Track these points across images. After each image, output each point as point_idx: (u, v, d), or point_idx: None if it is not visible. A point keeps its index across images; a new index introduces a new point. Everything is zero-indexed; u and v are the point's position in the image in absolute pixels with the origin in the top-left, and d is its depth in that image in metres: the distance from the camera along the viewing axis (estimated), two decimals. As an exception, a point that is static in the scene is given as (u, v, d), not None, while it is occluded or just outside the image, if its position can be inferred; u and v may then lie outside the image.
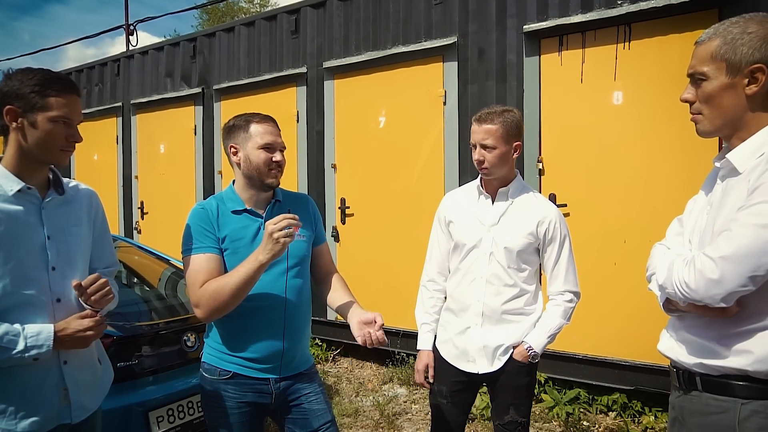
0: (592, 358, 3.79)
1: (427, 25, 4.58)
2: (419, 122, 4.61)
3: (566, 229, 2.21)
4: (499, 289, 2.15)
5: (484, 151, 2.11)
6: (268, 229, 1.71)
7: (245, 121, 1.95)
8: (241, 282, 1.75)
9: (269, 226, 1.71)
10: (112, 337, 2.57)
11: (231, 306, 1.79)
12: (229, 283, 1.76)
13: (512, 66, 4.14)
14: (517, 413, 2.19)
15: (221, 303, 1.77)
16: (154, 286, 3.65)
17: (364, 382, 4.66)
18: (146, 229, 7.00)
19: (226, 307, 1.79)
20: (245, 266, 1.75)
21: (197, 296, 1.81)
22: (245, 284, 1.75)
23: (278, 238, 1.69)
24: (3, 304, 1.51)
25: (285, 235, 1.70)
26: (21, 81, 1.54)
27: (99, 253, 1.82)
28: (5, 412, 1.53)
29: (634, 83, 3.65)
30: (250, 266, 1.74)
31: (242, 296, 1.78)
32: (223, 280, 1.78)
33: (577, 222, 3.82)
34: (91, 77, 7.85)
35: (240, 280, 1.75)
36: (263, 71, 5.71)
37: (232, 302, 1.78)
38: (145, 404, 2.66)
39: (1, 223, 1.52)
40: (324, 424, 1.97)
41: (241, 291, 1.76)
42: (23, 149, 1.57)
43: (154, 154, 6.87)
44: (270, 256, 1.72)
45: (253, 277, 1.75)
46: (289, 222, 1.71)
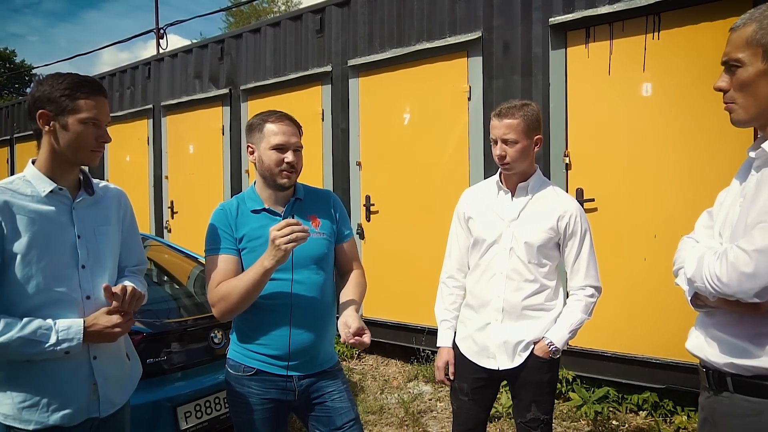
0: (621, 355, 3.71)
1: (451, 20, 4.55)
2: (444, 118, 4.59)
3: (587, 223, 2.17)
4: (519, 284, 2.13)
5: (505, 146, 2.08)
6: (271, 236, 1.71)
7: (261, 120, 1.95)
8: (248, 286, 1.76)
9: (272, 232, 1.71)
10: (141, 334, 2.64)
11: (241, 307, 1.82)
12: (237, 287, 1.78)
13: (538, 59, 4.08)
14: (539, 410, 2.16)
15: (231, 305, 1.80)
16: (183, 284, 3.72)
17: (389, 379, 4.67)
18: (176, 228, 7.14)
19: (237, 309, 1.82)
20: (252, 271, 1.76)
21: (212, 296, 1.84)
22: (252, 289, 1.77)
23: (280, 245, 1.68)
24: (36, 300, 1.56)
25: (287, 242, 1.68)
26: (51, 86, 1.59)
27: (128, 252, 1.86)
28: (38, 404, 1.58)
29: (663, 74, 3.56)
30: (256, 272, 1.75)
31: (251, 299, 1.80)
32: (232, 283, 1.80)
33: (605, 217, 3.75)
34: (123, 80, 8.05)
35: (247, 285, 1.76)
36: (289, 71, 5.76)
37: (241, 305, 1.80)
38: (174, 399, 2.72)
39: (34, 223, 1.58)
40: (348, 422, 1.97)
41: (248, 295, 1.78)
42: (56, 151, 1.62)
43: (184, 155, 7.01)
44: (274, 263, 1.72)
45: (259, 282, 1.76)
46: (291, 229, 1.69)
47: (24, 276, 1.54)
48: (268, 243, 1.73)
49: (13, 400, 1.57)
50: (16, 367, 1.58)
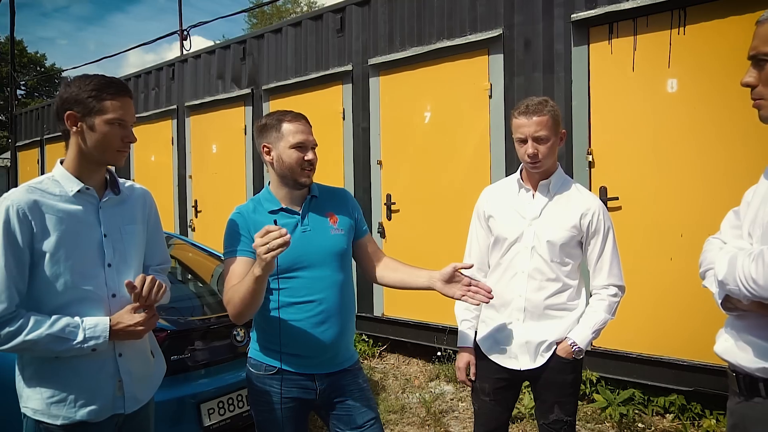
0: (647, 357, 3.64)
1: (471, 18, 4.52)
2: (465, 116, 4.56)
3: (610, 221, 2.14)
4: (541, 283, 2.10)
5: (537, 144, 2.04)
6: (254, 244, 1.64)
7: (277, 120, 1.94)
8: (246, 293, 1.72)
9: (256, 239, 1.63)
10: (166, 331, 2.68)
11: (247, 312, 1.79)
12: (237, 292, 1.76)
13: (560, 56, 4.03)
14: (562, 411, 2.13)
15: (236, 310, 1.78)
16: (206, 282, 3.77)
17: (410, 378, 4.66)
18: (200, 226, 7.24)
19: (243, 313, 1.79)
20: (246, 278, 1.73)
21: (225, 297, 1.84)
22: (249, 296, 1.72)
23: (260, 254, 1.60)
24: (63, 298, 1.60)
25: (265, 252, 1.59)
26: (79, 87, 1.62)
27: (152, 251, 1.89)
28: (65, 400, 1.61)
29: (689, 70, 3.48)
30: (249, 279, 1.70)
31: (252, 305, 1.77)
32: (235, 289, 1.78)
33: (629, 215, 3.69)
34: (149, 82, 8.18)
35: (244, 291, 1.73)
36: (310, 70, 5.79)
37: (246, 310, 1.78)
38: (197, 396, 2.76)
39: (62, 222, 1.61)
40: (368, 420, 1.97)
41: (248, 301, 1.74)
42: (83, 152, 1.65)
43: (207, 154, 7.10)
44: (261, 271, 1.65)
45: (254, 289, 1.71)
46: (270, 237, 1.59)
47: (52, 274, 1.58)
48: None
49: (41, 395, 1.61)
50: (44, 364, 1.62)
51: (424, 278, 1.97)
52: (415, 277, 2.01)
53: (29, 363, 1.63)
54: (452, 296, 1.90)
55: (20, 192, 1.59)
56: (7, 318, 1.50)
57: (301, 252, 1.87)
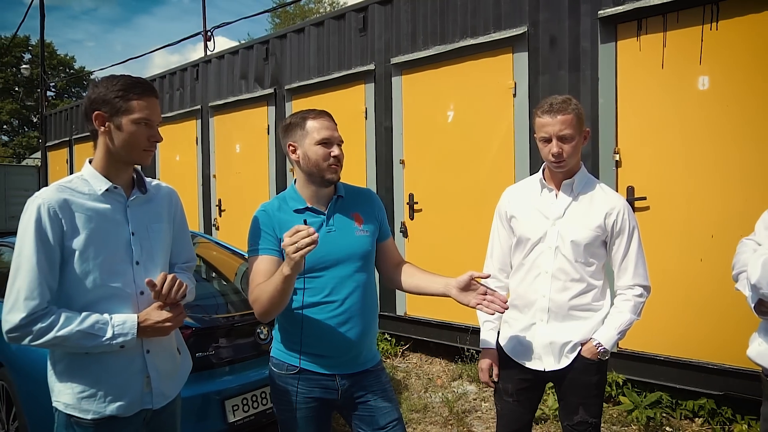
0: (675, 359, 3.57)
1: (495, 15, 4.48)
2: (488, 115, 4.52)
3: (635, 221, 2.09)
4: (565, 284, 2.07)
5: (562, 143, 2.01)
6: (283, 243, 1.65)
7: (301, 118, 1.94)
8: (274, 292, 1.73)
9: (285, 238, 1.64)
10: (191, 329, 2.71)
11: (274, 311, 1.80)
12: (265, 291, 1.76)
13: (586, 54, 3.97)
14: (587, 413, 2.10)
15: (263, 308, 1.79)
16: (230, 281, 3.81)
17: (433, 378, 4.64)
18: (224, 225, 7.32)
19: (270, 312, 1.80)
20: (275, 278, 1.73)
21: (251, 296, 1.85)
22: (277, 294, 1.73)
23: (289, 253, 1.61)
24: (93, 295, 1.62)
25: (294, 251, 1.59)
26: (106, 87, 1.64)
27: (178, 249, 1.91)
28: (95, 395, 1.64)
29: (722, 66, 3.39)
30: (277, 278, 1.71)
31: (281, 303, 1.77)
32: (261, 287, 1.79)
33: (657, 216, 3.61)
34: (173, 82, 8.30)
35: (272, 290, 1.73)
36: (332, 70, 5.81)
37: (273, 308, 1.78)
38: (222, 393, 2.79)
39: (91, 221, 1.63)
40: (391, 421, 1.96)
41: (275, 300, 1.75)
42: (110, 151, 1.67)
43: (231, 154, 7.17)
44: (290, 270, 1.66)
45: (282, 288, 1.71)
46: (299, 236, 1.60)
47: (82, 271, 1.60)
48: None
49: (72, 390, 1.64)
50: (75, 359, 1.65)
51: (440, 285, 1.95)
52: (431, 283, 1.99)
53: (60, 358, 1.67)
54: (467, 304, 1.87)
55: (51, 191, 1.62)
56: (40, 314, 1.53)
57: (326, 252, 1.86)
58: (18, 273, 1.55)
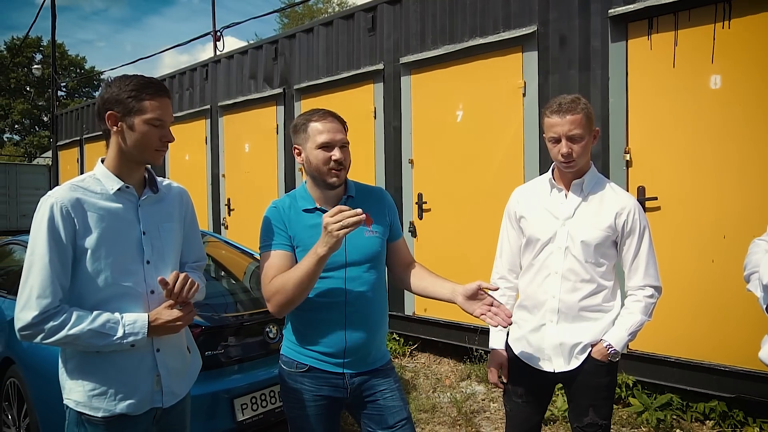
0: (686, 361, 3.54)
1: (505, 14, 4.46)
2: (498, 115, 4.51)
3: (645, 221, 2.07)
4: (575, 284, 2.05)
5: (571, 143, 1.99)
6: (324, 222, 1.70)
7: (305, 120, 1.93)
8: (303, 276, 1.75)
9: (325, 218, 1.70)
10: (200, 327, 2.72)
11: (297, 300, 1.81)
12: (292, 278, 1.77)
13: (597, 53, 3.95)
14: (597, 415, 2.08)
15: (286, 297, 1.79)
16: (239, 279, 3.82)
17: (441, 378, 4.64)
18: (233, 224, 7.35)
19: (293, 301, 1.81)
20: (306, 260, 1.75)
21: (267, 291, 1.84)
22: (307, 278, 1.75)
23: (332, 231, 1.66)
24: (104, 294, 1.63)
25: (339, 228, 1.65)
26: (119, 87, 1.64)
27: (189, 248, 1.91)
28: (106, 393, 1.65)
29: (734, 65, 3.36)
30: (310, 260, 1.73)
31: (306, 290, 1.79)
32: (288, 275, 1.80)
33: (668, 216, 3.58)
34: (183, 82, 8.34)
35: (302, 274, 1.75)
36: (341, 69, 5.81)
37: (297, 296, 1.79)
38: (231, 392, 2.80)
39: (103, 220, 1.64)
40: (400, 421, 1.95)
41: (304, 285, 1.77)
42: (123, 151, 1.68)
43: (240, 154, 7.19)
44: (327, 249, 1.70)
45: (314, 271, 1.75)
46: (343, 215, 1.67)
47: (94, 270, 1.61)
48: (322, 230, 1.72)
49: (83, 388, 1.65)
50: (86, 357, 1.66)
51: (447, 290, 1.95)
52: (438, 287, 1.99)
53: (71, 356, 1.68)
54: (471, 313, 1.86)
55: (63, 190, 1.63)
56: (52, 313, 1.54)
57: (335, 253, 1.86)
58: (31, 271, 1.56)
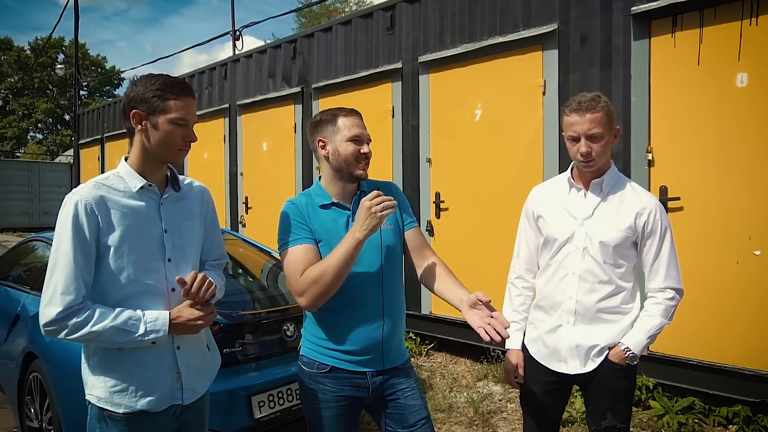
0: (708, 364, 3.47)
1: (525, 12, 4.42)
2: (517, 114, 4.47)
3: (667, 221, 2.03)
4: (593, 285, 2.02)
5: (591, 142, 1.97)
6: (365, 205, 1.75)
7: (332, 115, 1.97)
8: (342, 262, 1.76)
9: (365, 202, 1.75)
10: (219, 325, 2.74)
11: (334, 288, 1.81)
12: (330, 266, 1.77)
13: (618, 51, 3.89)
14: (615, 419, 2.04)
15: (324, 286, 1.79)
16: (257, 277, 3.84)
17: (458, 377, 4.61)
18: (250, 222, 7.39)
19: (330, 290, 1.81)
20: (342, 246, 1.77)
21: (299, 285, 1.83)
22: (346, 263, 1.77)
23: (375, 212, 1.72)
24: (126, 291, 1.65)
25: (382, 209, 1.73)
26: (145, 86, 1.66)
27: (209, 246, 1.92)
28: (127, 390, 1.66)
29: (762, 63, 3.28)
30: (348, 244, 1.76)
31: (344, 277, 1.80)
32: (324, 263, 1.80)
33: (691, 216, 3.52)
34: (202, 81, 8.41)
35: (340, 260, 1.76)
36: (359, 68, 5.81)
37: (335, 284, 1.80)
38: (248, 389, 2.81)
39: (126, 218, 1.66)
40: (420, 420, 1.95)
41: (342, 271, 1.78)
42: (146, 149, 1.69)
43: (258, 152, 7.23)
44: (367, 231, 1.75)
45: (352, 255, 1.77)
46: (383, 198, 1.75)
47: (117, 267, 1.63)
48: (359, 215, 1.77)
49: (105, 384, 1.66)
50: (108, 354, 1.67)
51: (456, 297, 1.92)
52: (451, 292, 1.95)
53: (94, 353, 1.69)
54: (471, 323, 1.82)
55: (88, 188, 1.65)
56: (75, 309, 1.56)
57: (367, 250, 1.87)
58: (56, 268, 1.58)
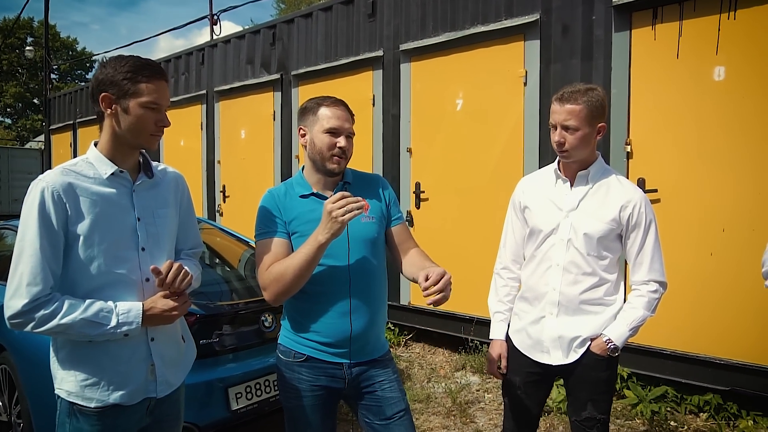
0: (681, 354, 3.53)
1: (507, 2, 4.40)
2: (498, 104, 4.46)
3: (652, 214, 2.05)
4: (576, 277, 2.03)
5: (565, 132, 1.98)
6: (327, 208, 1.69)
7: (316, 104, 1.93)
8: (302, 263, 1.74)
9: (328, 205, 1.69)
10: (195, 315, 2.69)
11: (295, 288, 1.79)
12: (291, 266, 1.76)
13: (599, 42, 3.90)
14: (595, 409, 2.07)
15: (284, 285, 1.77)
16: (234, 267, 3.78)
17: (436, 368, 4.63)
18: (228, 211, 7.29)
19: (290, 289, 1.79)
20: (305, 247, 1.74)
21: (263, 279, 1.82)
22: (306, 265, 1.74)
23: (336, 216, 1.66)
24: (97, 281, 1.59)
25: (343, 213, 1.66)
26: (114, 68, 1.59)
27: (185, 235, 1.87)
28: (99, 383, 1.61)
29: (739, 57, 3.32)
30: (310, 247, 1.72)
31: (305, 277, 1.78)
32: (286, 262, 1.78)
33: (668, 208, 3.56)
34: (178, 66, 8.23)
35: (300, 262, 1.74)
36: (340, 56, 5.74)
37: (296, 284, 1.78)
38: (225, 380, 2.77)
39: (96, 205, 1.59)
40: (398, 412, 1.94)
41: (303, 272, 1.75)
42: (117, 134, 1.62)
43: (236, 140, 7.12)
44: (329, 236, 1.70)
45: (314, 258, 1.74)
46: (347, 201, 1.67)
47: (87, 257, 1.57)
48: (323, 217, 1.71)
49: (76, 378, 1.61)
50: (78, 347, 1.62)
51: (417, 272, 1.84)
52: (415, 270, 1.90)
53: (63, 346, 1.64)
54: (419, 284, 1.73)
55: (55, 174, 1.58)
56: (43, 301, 1.50)
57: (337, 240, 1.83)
58: (21, 258, 1.51)
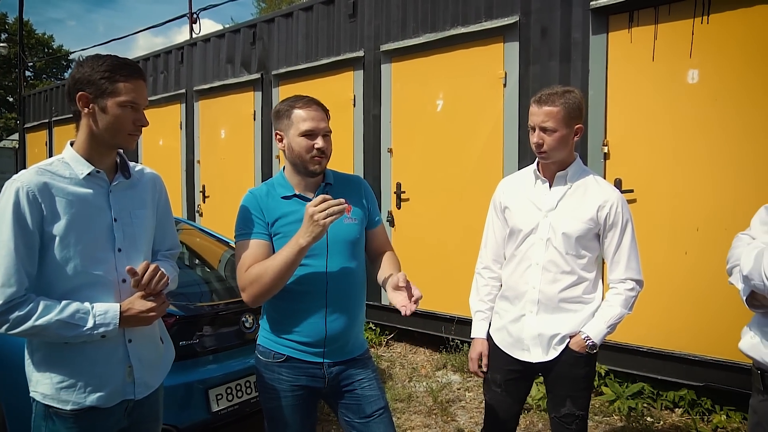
0: (657, 351, 3.61)
1: (487, 4, 4.44)
2: (478, 105, 4.50)
3: (629, 214, 2.09)
4: (555, 276, 2.07)
5: (543, 134, 2.02)
6: (309, 212, 1.69)
7: (289, 106, 1.91)
8: (282, 266, 1.74)
9: (309, 208, 1.70)
10: (174, 317, 2.66)
11: (274, 290, 1.79)
12: (270, 267, 1.76)
13: (577, 45, 3.95)
14: (574, 406, 2.11)
15: (263, 287, 1.78)
16: (214, 268, 3.75)
17: (417, 367, 4.65)
18: (207, 212, 7.23)
19: (269, 291, 1.79)
20: (286, 250, 1.74)
21: (242, 280, 1.82)
22: (286, 268, 1.75)
23: (318, 220, 1.66)
24: (73, 282, 1.57)
25: (325, 216, 1.66)
26: (92, 67, 1.57)
27: (162, 236, 1.86)
28: (75, 386, 1.59)
29: (712, 60, 3.40)
30: (291, 250, 1.73)
31: (284, 280, 1.78)
32: (265, 264, 1.78)
33: (644, 208, 3.63)
34: (157, 65, 8.13)
35: (280, 264, 1.74)
36: (321, 56, 5.72)
37: (275, 286, 1.78)
38: (205, 382, 2.75)
39: (72, 206, 1.58)
40: (377, 410, 1.95)
41: (282, 275, 1.76)
42: (94, 134, 1.61)
43: (216, 140, 7.06)
44: (310, 239, 1.70)
45: (294, 261, 1.74)
46: (328, 204, 1.68)
47: (62, 258, 1.55)
48: (304, 220, 1.71)
49: (51, 380, 1.59)
50: (54, 349, 1.59)
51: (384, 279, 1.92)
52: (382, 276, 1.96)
53: (38, 348, 1.61)
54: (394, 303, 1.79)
55: (30, 174, 1.56)
56: (17, 302, 1.48)
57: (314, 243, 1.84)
58: (-6, 259, 1.49)
